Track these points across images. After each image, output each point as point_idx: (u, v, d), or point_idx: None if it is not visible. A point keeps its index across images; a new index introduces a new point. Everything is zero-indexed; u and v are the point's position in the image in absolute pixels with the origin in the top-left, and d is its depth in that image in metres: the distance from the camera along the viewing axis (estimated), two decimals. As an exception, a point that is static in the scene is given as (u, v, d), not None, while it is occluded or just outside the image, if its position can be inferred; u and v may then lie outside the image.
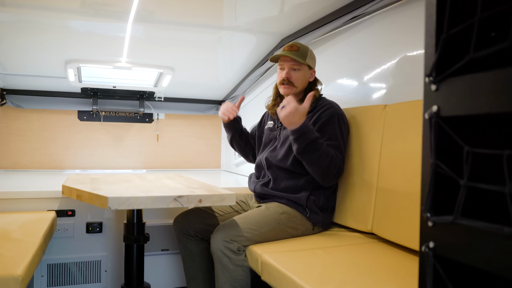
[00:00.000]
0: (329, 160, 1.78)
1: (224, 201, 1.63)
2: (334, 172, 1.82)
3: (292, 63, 1.95)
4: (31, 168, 3.43)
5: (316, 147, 1.74)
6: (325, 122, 1.87)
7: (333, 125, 1.87)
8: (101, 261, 2.37)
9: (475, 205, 0.62)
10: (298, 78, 1.96)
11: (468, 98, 0.59)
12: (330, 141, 1.85)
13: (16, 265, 1.30)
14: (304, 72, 1.98)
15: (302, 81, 1.98)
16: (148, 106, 3.69)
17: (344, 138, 1.91)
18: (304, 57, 1.95)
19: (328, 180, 1.86)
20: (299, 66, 1.95)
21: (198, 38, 2.66)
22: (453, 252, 0.61)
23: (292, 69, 1.95)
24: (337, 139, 1.86)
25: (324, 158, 1.76)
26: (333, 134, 1.86)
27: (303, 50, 1.96)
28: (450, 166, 0.61)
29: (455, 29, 0.62)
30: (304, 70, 1.97)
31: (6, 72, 3.01)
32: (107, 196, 1.45)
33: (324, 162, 1.77)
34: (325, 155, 1.76)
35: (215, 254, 1.71)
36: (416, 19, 1.81)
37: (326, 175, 1.82)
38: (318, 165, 1.78)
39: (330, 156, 1.78)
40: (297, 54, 1.93)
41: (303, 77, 1.97)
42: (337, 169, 1.83)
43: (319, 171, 1.81)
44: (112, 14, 2.27)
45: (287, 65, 1.96)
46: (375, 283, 1.31)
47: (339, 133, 1.88)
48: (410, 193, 1.60)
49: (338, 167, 1.83)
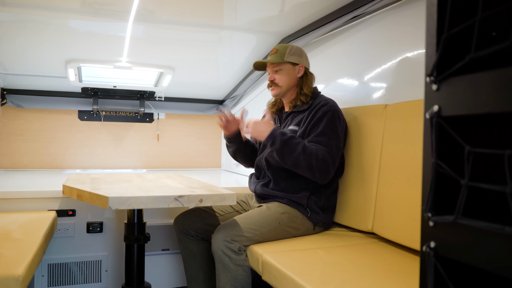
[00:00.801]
0: (309, 156, 1.76)
1: (224, 201, 1.63)
2: (320, 167, 1.77)
3: (272, 66, 2.02)
4: (31, 168, 3.43)
5: (292, 147, 1.77)
6: (318, 119, 1.87)
7: (326, 121, 1.85)
8: (101, 261, 2.38)
9: (476, 205, 0.62)
10: (281, 78, 2.00)
11: (469, 97, 0.59)
12: (317, 137, 1.83)
13: (16, 265, 1.30)
14: (287, 70, 2.00)
15: (287, 79, 2.00)
16: (149, 105, 3.69)
17: (338, 134, 1.87)
18: (282, 56, 1.98)
19: (317, 175, 1.80)
20: (279, 66, 2.00)
21: (199, 37, 2.66)
22: (454, 252, 0.60)
23: (274, 71, 2.01)
24: (325, 135, 1.83)
25: (304, 155, 1.76)
26: (322, 131, 1.84)
27: (281, 49, 2.00)
28: (451, 166, 0.61)
29: (456, 28, 0.62)
30: (286, 68, 1.99)
31: (6, 72, 3.01)
32: (108, 196, 1.45)
33: (304, 158, 1.76)
34: (303, 153, 1.76)
35: (216, 254, 1.71)
36: (417, 18, 1.81)
37: (313, 171, 1.78)
38: (301, 164, 1.77)
39: (309, 152, 1.77)
40: (274, 56, 1.99)
41: (286, 75, 2.00)
42: (322, 163, 1.77)
43: (304, 170, 1.79)
44: (112, 13, 2.27)
45: (269, 69, 2.04)
46: (375, 283, 1.31)
47: (331, 129, 1.85)
48: (410, 193, 1.60)
49: (322, 160, 1.77)
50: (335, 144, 1.84)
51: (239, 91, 3.49)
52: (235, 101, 3.69)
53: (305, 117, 1.93)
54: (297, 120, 1.97)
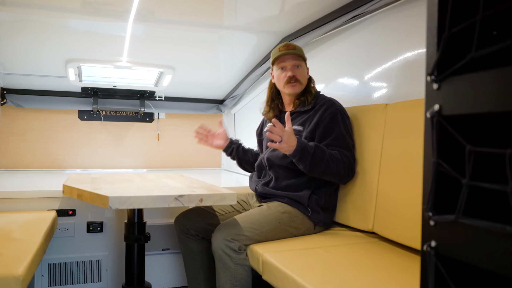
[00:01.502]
0: (337, 163, 1.79)
1: (225, 200, 1.63)
2: (346, 171, 1.84)
3: (294, 60, 1.96)
4: (31, 168, 3.43)
5: (320, 156, 1.76)
6: (329, 121, 1.88)
7: (337, 123, 1.88)
8: (101, 261, 2.37)
9: (477, 204, 0.62)
10: (302, 74, 1.99)
11: (470, 96, 0.59)
12: (336, 141, 1.85)
13: (16, 265, 1.30)
14: (305, 69, 2.02)
15: (305, 77, 2.01)
16: (149, 105, 3.69)
17: (350, 133, 1.92)
18: (302, 53, 2.00)
19: (345, 180, 1.89)
20: (301, 63, 1.98)
21: (199, 37, 2.66)
22: (455, 251, 0.60)
23: (295, 66, 1.97)
24: (343, 137, 1.87)
25: (332, 163, 1.78)
26: (338, 133, 1.86)
27: (299, 47, 2.01)
28: (452, 165, 0.61)
29: (457, 27, 0.62)
30: (304, 66, 2.02)
31: (6, 72, 3.01)
32: (108, 196, 1.44)
33: (333, 166, 1.78)
34: (331, 161, 1.78)
35: (216, 253, 1.71)
36: (417, 18, 1.81)
37: (341, 176, 1.84)
38: (329, 172, 1.80)
39: (336, 158, 1.79)
40: (296, 51, 1.97)
41: (305, 73, 2.01)
42: (348, 168, 1.84)
43: (333, 177, 1.83)
44: (112, 13, 2.27)
45: (289, 63, 1.96)
46: (376, 282, 1.31)
47: (344, 130, 1.88)
48: (411, 192, 1.60)
49: (348, 165, 1.84)
50: (352, 145, 1.90)
51: (239, 91, 3.49)
52: (235, 100, 3.69)
53: (310, 117, 1.93)
54: (301, 120, 1.96)
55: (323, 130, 1.87)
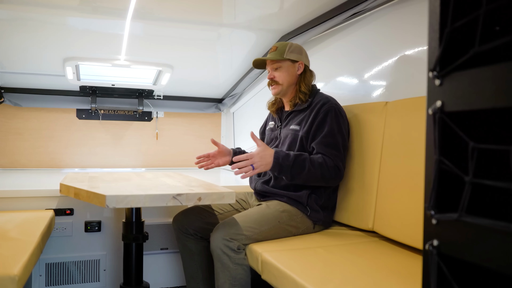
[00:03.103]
0: (320, 168, 1.76)
1: (223, 199, 1.62)
2: (332, 175, 1.80)
3: (272, 63, 2.00)
4: (29, 167, 3.42)
5: (301, 165, 1.75)
6: (322, 119, 1.86)
7: (330, 120, 1.85)
8: (99, 260, 2.36)
9: (480, 202, 0.61)
10: (281, 75, 1.98)
11: (473, 92, 0.57)
12: (325, 139, 1.83)
13: (12, 264, 1.29)
14: (287, 68, 1.98)
15: (287, 76, 1.98)
16: (147, 104, 3.68)
17: (343, 131, 1.87)
18: (282, 53, 1.97)
19: (332, 182, 1.85)
20: (279, 64, 1.98)
21: (197, 35, 2.65)
22: (457, 250, 0.59)
23: (273, 69, 2.00)
24: (333, 136, 1.83)
25: (315, 169, 1.76)
26: (329, 131, 1.84)
27: (281, 47, 1.98)
28: (455, 162, 0.60)
29: (459, 22, 0.60)
30: (286, 65, 1.98)
31: (4, 70, 2.99)
32: (105, 195, 1.43)
33: (317, 172, 1.76)
34: (313, 167, 1.76)
35: (215, 253, 1.70)
36: (417, 15, 1.80)
37: (327, 180, 1.81)
38: (313, 178, 1.78)
39: (318, 164, 1.77)
40: (274, 54, 1.98)
41: (286, 72, 1.98)
42: (334, 171, 1.80)
43: (318, 182, 1.82)
44: (110, 11, 2.26)
45: (269, 67, 2.02)
46: (376, 282, 1.30)
47: (336, 128, 1.85)
48: (412, 190, 1.59)
49: (334, 168, 1.79)
50: (342, 143, 1.85)
51: (238, 89, 3.48)
52: (234, 99, 3.68)
53: (306, 116, 1.92)
54: (298, 120, 1.95)
55: (316, 127, 1.86)
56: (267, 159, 1.74)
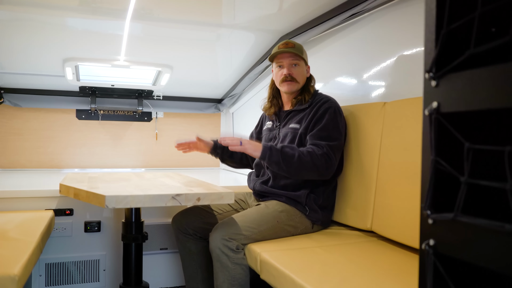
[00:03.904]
0: (310, 155, 1.76)
1: (222, 199, 1.62)
2: (323, 162, 1.77)
3: (292, 59, 1.96)
4: (29, 167, 3.42)
5: (290, 152, 1.76)
6: (320, 115, 1.88)
7: (328, 116, 1.86)
8: (99, 260, 2.37)
9: (476, 202, 0.61)
10: (299, 73, 1.97)
11: (469, 94, 0.58)
12: (320, 132, 1.83)
13: (12, 264, 1.29)
14: (303, 68, 2.00)
15: (303, 76, 1.99)
16: (147, 104, 3.68)
17: (339, 129, 1.87)
18: (301, 52, 1.97)
19: (324, 171, 1.80)
20: (299, 62, 1.97)
21: (197, 36, 2.65)
22: (453, 250, 0.60)
23: (292, 65, 1.96)
24: (327, 130, 1.84)
25: (305, 156, 1.75)
26: (325, 125, 1.84)
27: (299, 46, 1.99)
28: (451, 163, 0.61)
29: (455, 24, 0.61)
30: (303, 65, 2.00)
31: (3, 71, 2.99)
32: (105, 195, 1.43)
33: (307, 159, 1.75)
34: (303, 154, 1.76)
35: (214, 253, 1.70)
36: (415, 16, 1.80)
37: (319, 168, 1.78)
38: (305, 166, 1.76)
39: (308, 152, 1.77)
40: (294, 50, 1.95)
41: (302, 72, 1.99)
42: (323, 158, 1.77)
43: (311, 170, 1.78)
44: (110, 12, 2.26)
45: (286, 62, 1.96)
46: (374, 281, 1.30)
47: (332, 124, 1.85)
48: (409, 190, 1.59)
49: (322, 155, 1.77)
50: (336, 138, 1.85)
51: (238, 90, 3.49)
52: (234, 99, 3.68)
53: (306, 115, 1.93)
54: (298, 118, 1.96)
55: (314, 122, 1.87)
56: (255, 144, 1.79)
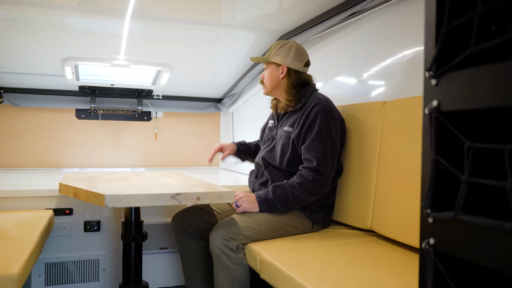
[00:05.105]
0: (302, 186, 1.76)
1: (222, 199, 1.62)
2: (317, 185, 1.76)
3: (264, 64, 2.02)
4: (29, 167, 3.42)
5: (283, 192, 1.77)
6: (311, 121, 1.82)
7: (319, 123, 1.80)
8: (99, 260, 2.37)
9: (476, 201, 0.61)
10: (266, 77, 2.00)
11: (469, 92, 0.58)
12: (313, 141, 1.80)
13: (12, 264, 1.29)
14: (271, 71, 1.97)
15: (270, 79, 1.98)
16: (146, 104, 3.68)
17: (332, 133, 1.82)
18: (269, 55, 1.96)
19: (322, 191, 1.81)
20: (266, 66, 2.00)
21: (196, 35, 2.65)
22: (453, 249, 0.60)
23: (266, 69, 2.01)
24: (320, 138, 1.79)
25: (297, 191, 1.76)
26: (317, 133, 1.80)
27: (272, 48, 1.98)
28: (451, 162, 0.61)
29: (455, 22, 0.61)
30: (271, 68, 1.97)
31: (3, 70, 2.99)
32: (104, 194, 1.43)
33: (302, 191, 1.76)
34: (295, 189, 1.76)
35: (214, 252, 1.70)
36: (415, 15, 1.80)
37: (316, 192, 1.80)
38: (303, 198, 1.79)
39: (297, 184, 1.76)
40: (264, 55, 2.00)
41: (269, 75, 1.98)
42: (315, 181, 1.76)
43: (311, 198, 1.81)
44: (109, 11, 2.26)
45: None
46: (374, 280, 1.30)
47: (326, 129, 1.80)
48: (409, 190, 1.59)
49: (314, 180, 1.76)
50: (330, 146, 1.80)
51: (237, 89, 3.48)
52: (233, 99, 3.68)
53: (298, 118, 1.88)
54: (291, 121, 1.93)
55: (305, 130, 1.83)
56: (250, 200, 1.81)
